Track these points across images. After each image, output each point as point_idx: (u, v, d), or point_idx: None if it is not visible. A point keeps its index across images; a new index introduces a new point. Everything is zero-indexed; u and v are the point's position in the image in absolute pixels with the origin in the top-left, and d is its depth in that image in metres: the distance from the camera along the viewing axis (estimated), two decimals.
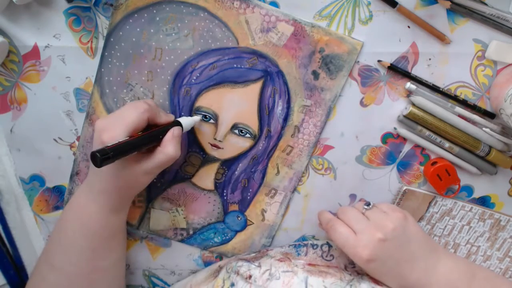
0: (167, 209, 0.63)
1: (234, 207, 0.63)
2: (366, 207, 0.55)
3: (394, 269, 0.51)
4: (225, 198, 0.63)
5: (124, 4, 0.55)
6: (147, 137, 0.50)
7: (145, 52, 0.57)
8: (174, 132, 0.52)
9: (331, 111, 0.58)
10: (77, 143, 0.61)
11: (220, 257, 0.66)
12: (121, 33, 0.56)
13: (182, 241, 0.65)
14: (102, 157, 0.42)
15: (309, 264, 0.59)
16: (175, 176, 0.62)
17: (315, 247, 0.61)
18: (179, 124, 0.54)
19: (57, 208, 0.64)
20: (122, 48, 0.57)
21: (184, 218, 0.64)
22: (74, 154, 0.61)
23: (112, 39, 0.56)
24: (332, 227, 0.54)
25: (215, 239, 0.65)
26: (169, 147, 0.51)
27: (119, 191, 0.53)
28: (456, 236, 0.64)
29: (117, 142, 0.46)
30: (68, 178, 0.62)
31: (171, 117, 0.56)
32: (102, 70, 0.58)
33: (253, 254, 0.62)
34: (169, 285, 0.67)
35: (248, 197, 0.63)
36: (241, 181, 0.62)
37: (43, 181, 0.63)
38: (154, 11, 0.55)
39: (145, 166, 0.51)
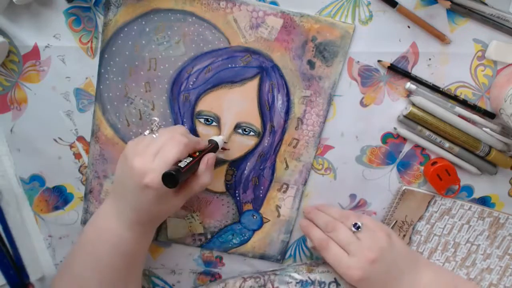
0: (183, 216, 0.63)
1: (248, 206, 0.63)
2: (355, 230, 0.56)
3: (382, 286, 0.55)
4: (238, 198, 0.63)
5: (113, 19, 0.55)
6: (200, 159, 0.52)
7: (140, 64, 0.57)
8: (208, 161, 0.52)
9: (332, 99, 0.58)
10: (77, 143, 0.61)
11: (220, 257, 0.66)
12: (114, 48, 0.56)
13: (201, 246, 0.65)
14: (177, 177, 0.45)
15: None
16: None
17: (322, 285, 0.61)
18: (215, 145, 0.56)
19: (57, 208, 0.64)
20: (117, 63, 0.57)
21: (201, 223, 0.64)
22: (84, 174, 0.62)
23: (106, 56, 0.57)
24: (325, 247, 0.57)
25: (234, 241, 0.65)
26: (204, 178, 0.52)
27: (154, 219, 0.54)
28: (456, 235, 0.64)
29: (186, 163, 0.48)
30: (68, 178, 0.62)
31: (205, 141, 0.56)
32: (101, 87, 0.58)
33: (256, 277, 0.63)
34: (169, 285, 0.68)
35: (261, 195, 0.63)
36: (251, 180, 0.62)
37: (43, 181, 0.62)
38: (143, 23, 0.55)
39: (181, 196, 0.52)
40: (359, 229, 0.56)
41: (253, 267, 0.66)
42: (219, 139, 0.58)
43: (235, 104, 0.58)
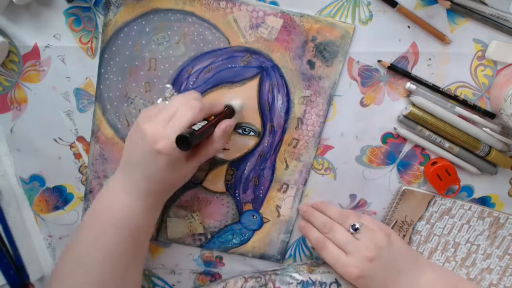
0: (183, 216, 0.63)
1: (248, 206, 0.63)
2: (353, 231, 0.57)
3: (381, 284, 0.56)
4: (238, 198, 0.63)
5: (113, 19, 0.55)
6: (215, 123, 0.50)
7: (140, 64, 0.57)
8: (226, 128, 0.51)
9: (332, 99, 0.58)
10: (77, 143, 0.61)
11: (220, 257, 0.66)
12: (114, 48, 0.56)
13: (201, 246, 0.65)
14: (191, 140, 0.44)
15: None
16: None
17: (323, 285, 0.61)
18: (231, 109, 0.55)
19: (57, 208, 0.64)
20: (117, 63, 0.57)
21: (201, 223, 0.64)
22: (84, 174, 0.62)
23: (106, 56, 0.57)
24: (323, 247, 0.58)
25: (234, 241, 0.65)
26: (218, 143, 0.51)
27: (165, 188, 0.52)
28: (456, 235, 0.64)
29: (200, 126, 0.47)
30: (68, 178, 0.62)
31: (221, 106, 0.55)
32: (101, 87, 0.58)
33: (257, 276, 0.63)
34: (169, 285, 0.68)
35: (261, 195, 0.63)
36: (251, 180, 0.62)
37: (43, 181, 0.62)
38: (143, 23, 0.55)
39: (193, 163, 0.51)
40: (357, 231, 0.57)
41: (253, 267, 0.66)
42: (236, 103, 0.56)
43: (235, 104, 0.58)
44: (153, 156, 0.47)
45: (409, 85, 0.57)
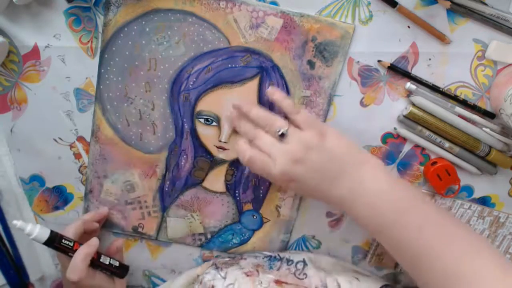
0: (183, 216, 0.63)
1: (248, 206, 0.63)
2: (280, 136, 0.51)
3: (314, 189, 0.51)
4: (238, 198, 0.63)
5: (113, 19, 0.55)
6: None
7: (140, 64, 0.57)
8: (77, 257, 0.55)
9: (332, 99, 0.58)
10: (77, 143, 0.61)
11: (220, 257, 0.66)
12: (114, 48, 0.56)
13: (201, 246, 0.65)
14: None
15: (277, 282, 0.58)
16: (185, 182, 0.62)
17: (290, 263, 0.61)
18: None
19: (57, 208, 0.64)
20: (117, 63, 0.57)
21: (201, 223, 0.64)
22: (84, 174, 0.62)
23: (106, 56, 0.56)
24: (249, 160, 0.53)
25: (234, 240, 0.65)
26: (71, 268, 0.54)
27: None
28: None
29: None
30: (68, 178, 0.62)
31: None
32: (101, 87, 0.58)
33: (228, 259, 0.63)
34: None
35: (261, 195, 0.63)
36: (251, 180, 0.62)
37: (43, 181, 0.62)
38: (143, 23, 0.55)
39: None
40: (284, 136, 0.51)
41: None
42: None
43: None
44: None
45: (409, 85, 0.57)
